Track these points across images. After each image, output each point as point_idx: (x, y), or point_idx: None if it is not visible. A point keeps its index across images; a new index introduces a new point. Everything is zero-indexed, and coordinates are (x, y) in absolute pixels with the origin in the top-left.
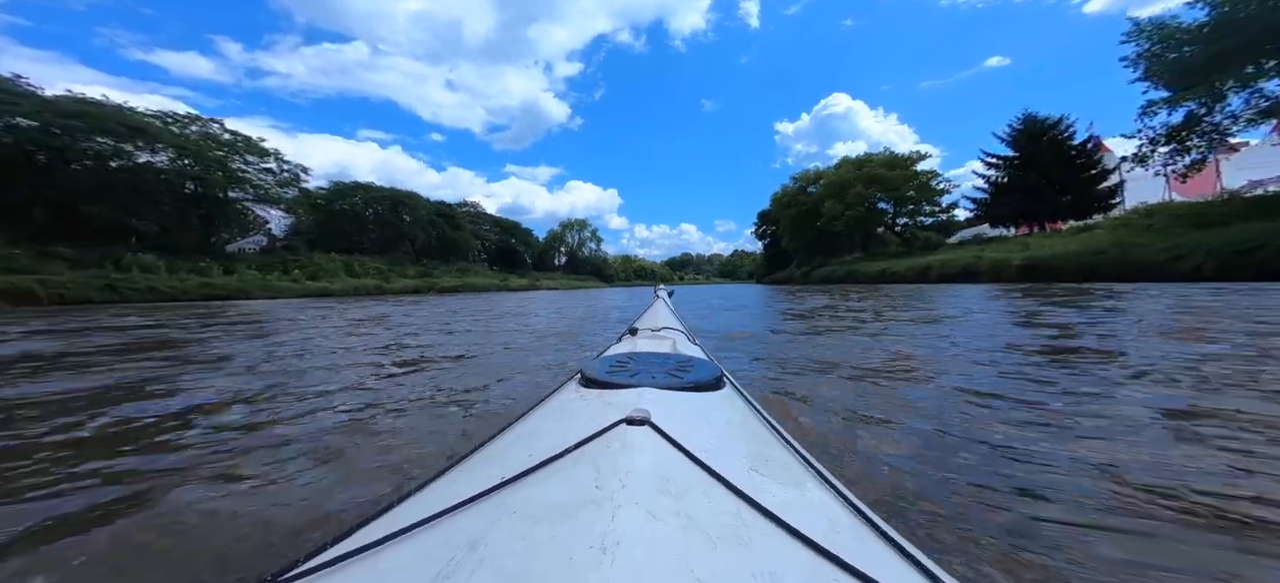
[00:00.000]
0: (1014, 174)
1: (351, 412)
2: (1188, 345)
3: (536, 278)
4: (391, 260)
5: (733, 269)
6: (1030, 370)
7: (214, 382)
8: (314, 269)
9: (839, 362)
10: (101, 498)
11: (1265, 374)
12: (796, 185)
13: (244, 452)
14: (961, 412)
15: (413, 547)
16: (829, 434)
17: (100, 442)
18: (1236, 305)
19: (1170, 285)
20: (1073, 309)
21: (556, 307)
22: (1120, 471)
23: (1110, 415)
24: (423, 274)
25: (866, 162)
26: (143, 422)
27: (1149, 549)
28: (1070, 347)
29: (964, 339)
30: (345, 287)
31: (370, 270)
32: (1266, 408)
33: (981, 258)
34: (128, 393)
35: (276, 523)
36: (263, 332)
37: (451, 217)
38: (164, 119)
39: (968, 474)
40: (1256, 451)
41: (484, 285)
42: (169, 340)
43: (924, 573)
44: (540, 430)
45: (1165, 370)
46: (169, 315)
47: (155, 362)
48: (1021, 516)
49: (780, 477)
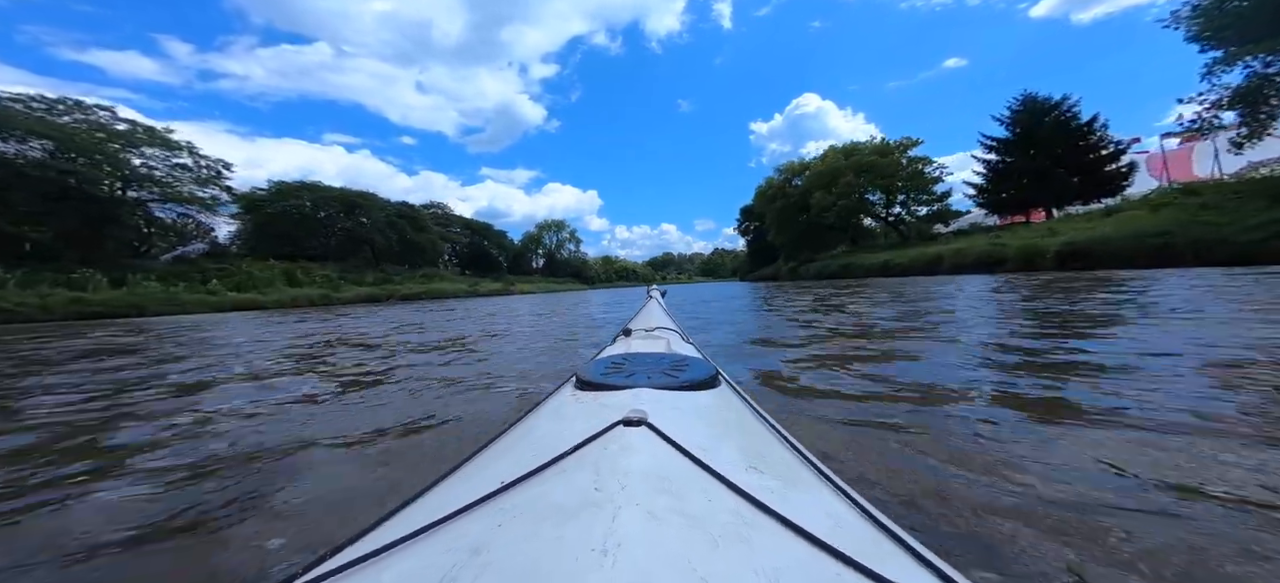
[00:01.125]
0: (1016, 158)
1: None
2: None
3: (511, 281)
4: (348, 267)
5: (714, 268)
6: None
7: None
8: (242, 279)
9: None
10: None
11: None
12: (782, 177)
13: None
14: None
15: (415, 554)
16: None
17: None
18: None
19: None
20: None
21: (524, 317)
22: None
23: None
24: (383, 280)
25: (855, 150)
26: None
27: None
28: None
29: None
30: (280, 298)
31: (317, 278)
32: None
33: (1003, 245)
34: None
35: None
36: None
37: (414, 218)
38: (27, 103)
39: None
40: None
41: (451, 291)
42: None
43: (927, 566)
44: (537, 434)
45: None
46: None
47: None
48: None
49: (779, 473)
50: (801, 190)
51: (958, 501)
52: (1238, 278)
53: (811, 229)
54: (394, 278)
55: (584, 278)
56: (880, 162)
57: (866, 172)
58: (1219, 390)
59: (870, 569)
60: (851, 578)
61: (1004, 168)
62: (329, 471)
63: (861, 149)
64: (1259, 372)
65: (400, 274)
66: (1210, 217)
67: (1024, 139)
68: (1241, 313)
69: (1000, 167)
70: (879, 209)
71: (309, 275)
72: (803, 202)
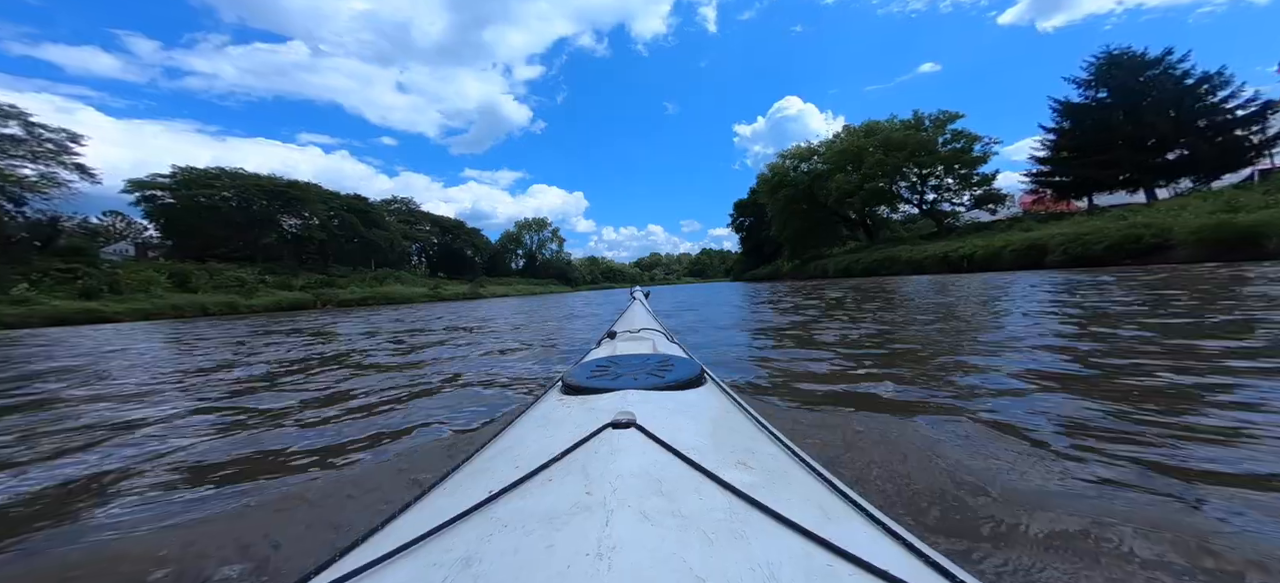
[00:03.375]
0: (1097, 128)
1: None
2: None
3: (481, 283)
4: (285, 268)
5: (703, 268)
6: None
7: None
8: (92, 284)
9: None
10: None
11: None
12: (789, 162)
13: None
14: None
15: (403, 569)
16: None
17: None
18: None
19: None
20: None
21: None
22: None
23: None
24: (323, 284)
25: (876, 129)
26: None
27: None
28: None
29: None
30: (158, 305)
31: (227, 281)
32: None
33: (1139, 224)
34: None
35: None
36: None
37: (367, 213)
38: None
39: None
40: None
41: (404, 295)
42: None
43: (913, 552)
44: (526, 441)
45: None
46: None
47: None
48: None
49: (769, 468)
50: (811, 177)
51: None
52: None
53: (822, 221)
54: (339, 280)
55: (568, 279)
56: (913, 137)
57: (897, 149)
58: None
59: (862, 559)
60: (844, 568)
61: (1082, 139)
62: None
63: (883, 128)
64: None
65: (346, 275)
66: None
67: (1111, 105)
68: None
69: (1077, 136)
70: (909, 194)
71: (216, 277)
72: (809, 191)
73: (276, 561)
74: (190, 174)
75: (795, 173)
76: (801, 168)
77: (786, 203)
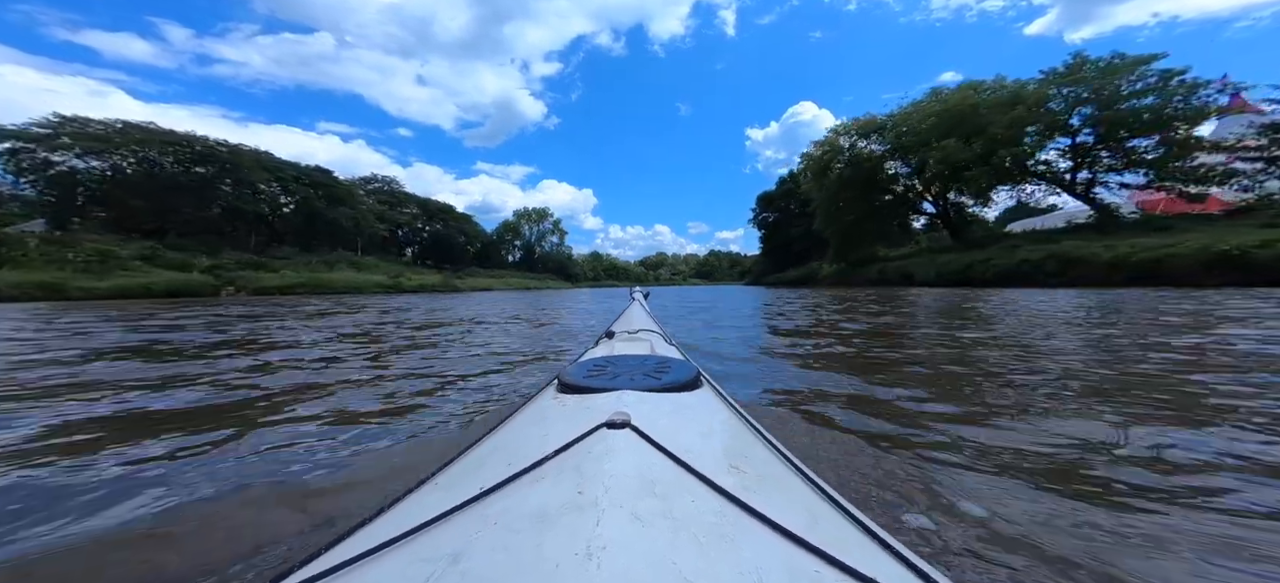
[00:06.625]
0: None
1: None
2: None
3: (462, 275)
4: (187, 245)
5: (710, 270)
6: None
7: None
8: None
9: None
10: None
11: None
12: (846, 139)
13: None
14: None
15: (390, 564)
16: None
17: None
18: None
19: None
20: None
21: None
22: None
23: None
24: (247, 265)
25: (979, 87)
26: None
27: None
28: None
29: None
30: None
31: (68, 258)
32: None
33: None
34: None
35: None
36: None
37: (329, 188)
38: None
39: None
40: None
41: (353, 284)
42: None
43: (901, 561)
44: (519, 438)
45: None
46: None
47: None
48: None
49: (761, 473)
50: (881, 155)
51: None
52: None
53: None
54: (273, 263)
55: (568, 275)
56: (1073, 80)
57: (1041, 105)
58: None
59: (848, 565)
60: (831, 575)
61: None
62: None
63: (986, 85)
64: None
65: (287, 259)
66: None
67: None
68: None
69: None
70: (1064, 172)
71: (78, 253)
72: (874, 173)
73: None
74: (79, 127)
75: (853, 150)
76: (862, 145)
77: (844, 187)
